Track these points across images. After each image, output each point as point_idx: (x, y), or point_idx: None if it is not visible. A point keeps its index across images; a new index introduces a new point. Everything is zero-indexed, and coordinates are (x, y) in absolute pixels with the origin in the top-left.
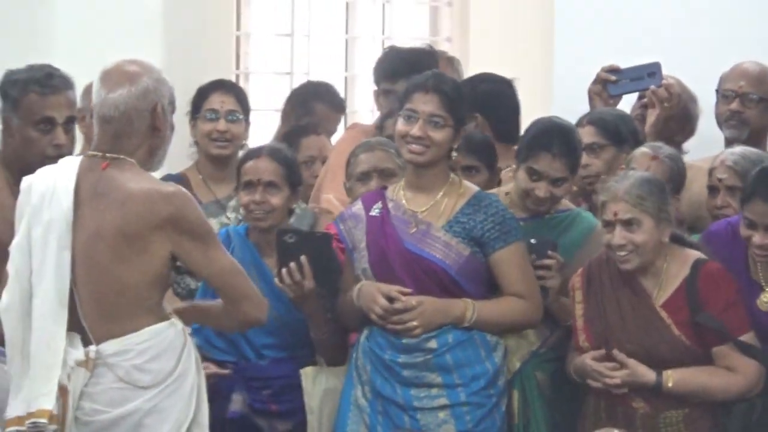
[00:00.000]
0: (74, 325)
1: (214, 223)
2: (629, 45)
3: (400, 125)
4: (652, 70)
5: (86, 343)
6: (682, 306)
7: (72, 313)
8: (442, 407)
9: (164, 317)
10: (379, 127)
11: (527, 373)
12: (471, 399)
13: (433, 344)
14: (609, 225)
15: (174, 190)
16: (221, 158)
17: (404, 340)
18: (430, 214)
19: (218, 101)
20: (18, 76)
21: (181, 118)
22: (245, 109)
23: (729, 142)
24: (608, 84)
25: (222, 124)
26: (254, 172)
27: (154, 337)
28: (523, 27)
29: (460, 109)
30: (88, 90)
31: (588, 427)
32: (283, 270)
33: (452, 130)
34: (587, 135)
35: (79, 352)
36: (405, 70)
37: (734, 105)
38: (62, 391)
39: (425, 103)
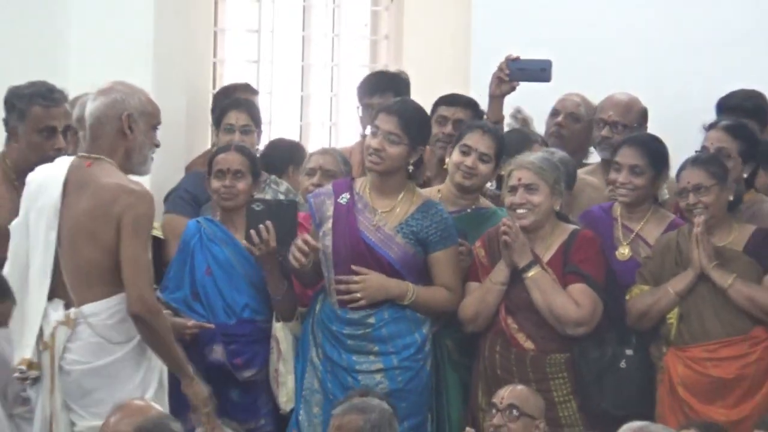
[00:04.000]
0: (61, 292)
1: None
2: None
3: (367, 139)
4: (544, 67)
5: (69, 307)
6: (559, 262)
7: (60, 282)
8: (378, 370)
9: None
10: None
11: (438, 340)
12: (402, 364)
13: (372, 320)
14: (513, 190)
15: (135, 188)
16: None
17: (348, 315)
18: (389, 215)
19: (234, 117)
20: (23, 91)
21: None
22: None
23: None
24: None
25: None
26: (224, 163)
27: (122, 303)
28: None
29: (417, 131)
30: (73, 102)
31: (482, 385)
32: (252, 231)
33: (407, 147)
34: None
35: (59, 314)
36: (382, 88)
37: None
38: (45, 345)
39: (386, 123)
